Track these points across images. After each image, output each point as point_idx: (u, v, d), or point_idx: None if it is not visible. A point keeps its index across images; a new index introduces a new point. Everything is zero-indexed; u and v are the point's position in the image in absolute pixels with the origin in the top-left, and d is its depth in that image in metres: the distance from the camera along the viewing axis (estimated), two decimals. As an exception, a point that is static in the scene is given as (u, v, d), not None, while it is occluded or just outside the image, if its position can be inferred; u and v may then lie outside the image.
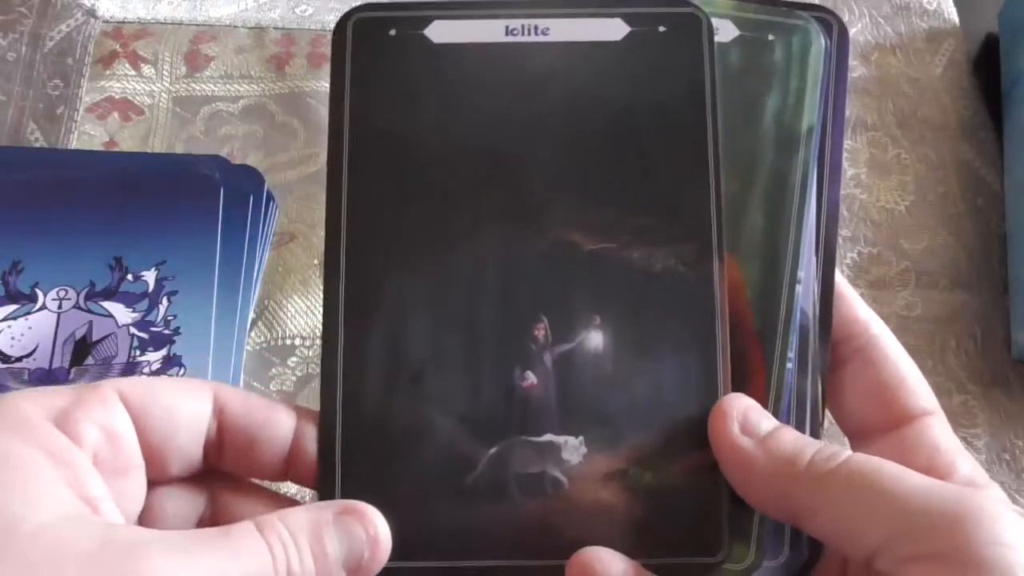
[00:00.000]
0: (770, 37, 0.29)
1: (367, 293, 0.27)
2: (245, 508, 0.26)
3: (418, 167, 0.28)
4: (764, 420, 0.26)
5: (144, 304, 0.45)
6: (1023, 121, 0.52)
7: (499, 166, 0.28)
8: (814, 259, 0.28)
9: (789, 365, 0.27)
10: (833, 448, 0.24)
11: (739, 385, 0.27)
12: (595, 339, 0.26)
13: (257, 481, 0.27)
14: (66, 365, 0.43)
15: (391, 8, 0.29)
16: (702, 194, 0.27)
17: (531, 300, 0.27)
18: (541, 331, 0.27)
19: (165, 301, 0.45)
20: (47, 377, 0.43)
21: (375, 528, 0.24)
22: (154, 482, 0.25)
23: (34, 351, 0.44)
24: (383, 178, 0.27)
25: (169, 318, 0.45)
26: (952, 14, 0.59)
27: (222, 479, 0.26)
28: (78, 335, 0.44)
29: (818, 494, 0.24)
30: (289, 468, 0.26)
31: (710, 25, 0.28)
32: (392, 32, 0.28)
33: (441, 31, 0.28)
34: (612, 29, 0.28)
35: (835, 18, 0.30)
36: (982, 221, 0.52)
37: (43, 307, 0.45)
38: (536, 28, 0.28)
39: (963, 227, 0.52)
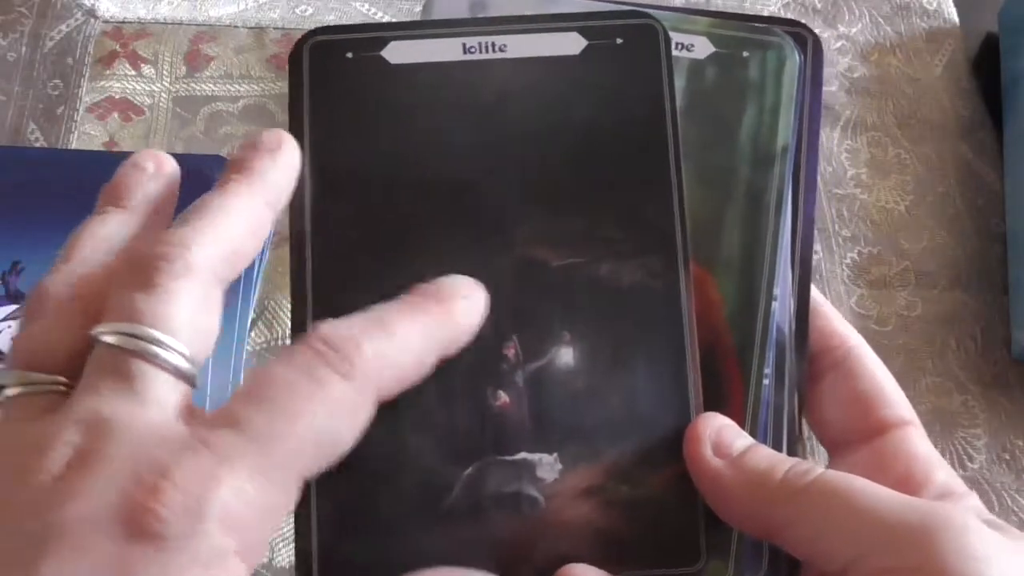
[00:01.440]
0: (745, 54, 0.29)
1: (334, 319, 0.27)
2: None
3: (381, 189, 0.27)
4: (738, 439, 0.26)
5: None
6: (1023, 121, 0.52)
7: (462, 185, 0.27)
8: (790, 274, 0.29)
9: (766, 381, 0.27)
10: (807, 464, 0.25)
11: (716, 402, 0.27)
12: (565, 355, 0.26)
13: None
14: (66, 365, 0.44)
15: (347, 31, 0.29)
16: (665, 205, 0.27)
17: (501, 319, 0.26)
18: (512, 350, 0.26)
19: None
20: (46, 377, 0.43)
21: None
22: None
23: None
24: (346, 202, 0.27)
25: None
26: (952, 14, 0.59)
27: None
28: (79, 336, 0.44)
29: (791, 509, 0.24)
30: None
31: (667, 35, 0.28)
32: (349, 55, 0.28)
33: (398, 52, 0.28)
34: (569, 43, 0.28)
35: (810, 33, 0.30)
36: (982, 221, 0.52)
37: None
38: (494, 45, 0.28)
39: (963, 227, 0.52)
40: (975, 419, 0.47)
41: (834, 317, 0.30)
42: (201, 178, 0.48)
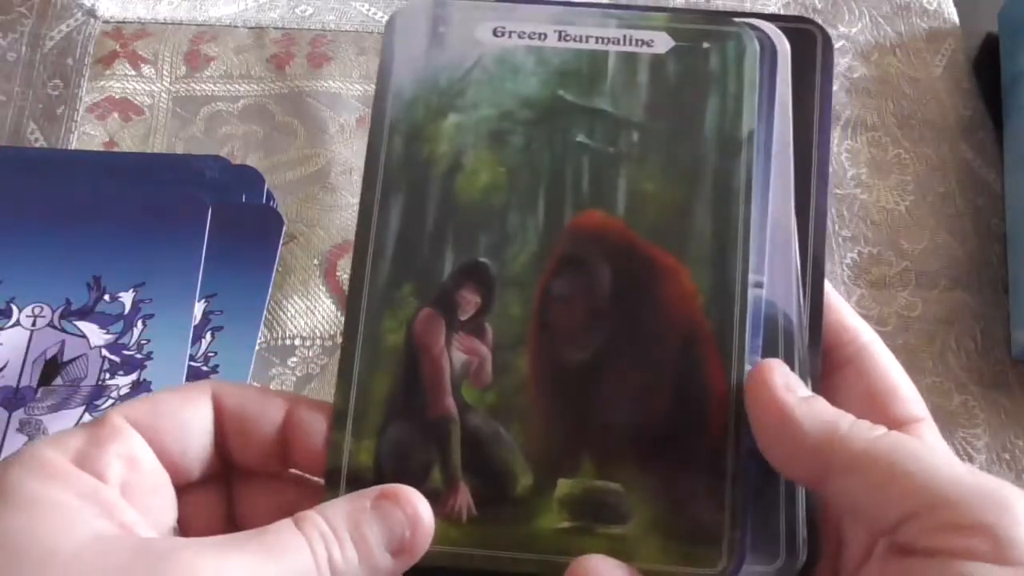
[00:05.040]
0: (705, 45, 0.29)
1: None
2: (270, 498, 0.27)
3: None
4: (801, 388, 0.26)
5: (119, 326, 0.44)
6: (1023, 121, 0.52)
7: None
8: (797, 266, 0.29)
9: (748, 367, 0.27)
10: (871, 423, 0.25)
11: (696, 390, 0.27)
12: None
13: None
14: (34, 384, 0.42)
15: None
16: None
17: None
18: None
19: (140, 324, 0.44)
20: (14, 396, 0.42)
21: (414, 508, 0.25)
22: (180, 490, 0.26)
23: (3, 368, 0.43)
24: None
25: (143, 342, 0.44)
26: (952, 14, 0.59)
27: (242, 474, 0.28)
28: (49, 354, 0.43)
29: (856, 456, 0.24)
30: (287, 454, 0.27)
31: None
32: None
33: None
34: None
35: (819, 29, 0.30)
36: (982, 221, 0.52)
37: (16, 323, 0.44)
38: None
39: (963, 227, 0.52)
40: (975, 419, 0.47)
41: (847, 312, 0.30)
42: (201, 178, 0.48)
